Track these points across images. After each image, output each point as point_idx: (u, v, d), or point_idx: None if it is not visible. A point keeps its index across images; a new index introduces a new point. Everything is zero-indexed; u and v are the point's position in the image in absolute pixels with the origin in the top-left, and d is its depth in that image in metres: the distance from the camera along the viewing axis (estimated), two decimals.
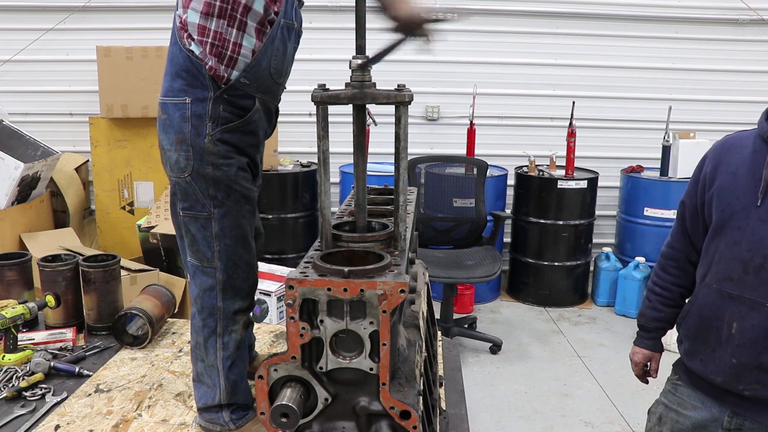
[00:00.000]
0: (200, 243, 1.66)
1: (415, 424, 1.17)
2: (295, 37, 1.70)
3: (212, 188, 1.61)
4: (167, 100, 1.61)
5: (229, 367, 1.74)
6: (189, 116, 1.57)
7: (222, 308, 1.69)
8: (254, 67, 1.58)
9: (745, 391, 1.57)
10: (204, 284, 1.69)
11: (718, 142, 1.70)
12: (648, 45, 4.95)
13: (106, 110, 4.20)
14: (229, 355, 1.73)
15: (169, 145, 1.62)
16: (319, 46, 4.63)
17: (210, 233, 1.64)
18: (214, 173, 1.59)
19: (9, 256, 2.59)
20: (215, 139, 1.58)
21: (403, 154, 1.36)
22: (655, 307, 1.84)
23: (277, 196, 4.54)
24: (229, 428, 1.80)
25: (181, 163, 1.60)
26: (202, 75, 1.55)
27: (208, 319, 1.71)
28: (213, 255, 1.65)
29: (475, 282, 3.99)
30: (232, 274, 1.68)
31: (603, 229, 5.15)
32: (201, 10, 1.53)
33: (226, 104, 1.58)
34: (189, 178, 1.61)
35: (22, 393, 2.03)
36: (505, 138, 5.09)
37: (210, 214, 1.63)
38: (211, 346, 1.72)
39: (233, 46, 1.55)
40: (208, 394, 1.78)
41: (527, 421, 3.22)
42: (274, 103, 1.73)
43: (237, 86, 1.58)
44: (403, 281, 1.13)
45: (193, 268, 1.71)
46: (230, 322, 1.71)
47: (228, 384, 1.75)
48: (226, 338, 1.72)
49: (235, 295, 1.71)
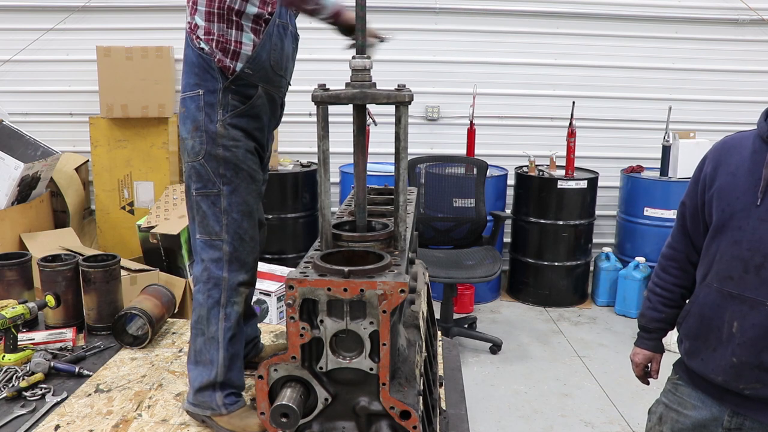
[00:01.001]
0: (210, 218, 1.80)
1: (415, 424, 1.17)
2: (291, 37, 1.87)
3: (222, 167, 1.78)
4: (185, 95, 1.80)
5: (229, 339, 1.83)
6: (203, 105, 1.76)
7: (227, 279, 1.81)
8: (255, 59, 1.76)
9: (745, 390, 1.57)
10: (211, 256, 1.82)
11: (718, 142, 1.70)
12: (648, 45, 4.94)
13: (106, 110, 4.20)
14: (230, 327, 1.83)
15: (187, 133, 1.80)
16: (319, 46, 4.60)
17: (219, 208, 1.80)
18: (224, 154, 1.77)
19: (9, 256, 2.59)
20: (226, 123, 1.77)
21: (403, 154, 1.36)
22: (656, 308, 1.84)
23: (277, 196, 4.54)
24: (221, 413, 1.84)
25: (196, 148, 1.78)
26: (212, 69, 1.75)
27: (213, 290, 1.82)
28: (221, 228, 1.80)
29: (475, 282, 3.99)
30: (237, 247, 1.82)
31: (603, 229, 5.15)
32: (204, 18, 1.75)
33: (233, 93, 1.77)
34: (203, 160, 1.78)
35: (22, 393, 2.03)
36: (505, 138, 5.09)
37: (219, 191, 1.79)
38: (213, 317, 1.82)
39: (235, 43, 1.75)
40: (204, 373, 1.84)
41: (527, 421, 3.22)
42: (278, 94, 1.89)
43: (242, 76, 1.76)
44: (403, 281, 1.13)
45: (201, 244, 1.83)
46: (233, 293, 1.83)
47: (226, 357, 1.83)
48: (229, 309, 1.82)
49: (240, 268, 1.83)
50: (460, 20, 4.89)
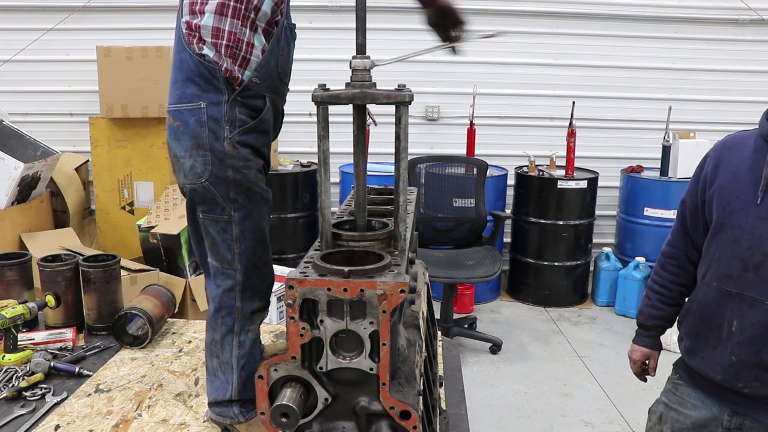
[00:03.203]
0: (220, 245, 1.66)
1: (415, 424, 1.17)
2: (292, 35, 1.73)
3: (233, 191, 1.61)
4: (181, 107, 1.61)
5: (243, 366, 1.77)
6: (205, 120, 1.57)
7: (240, 308, 1.71)
8: (264, 67, 1.60)
9: (744, 388, 1.58)
10: (224, 285, 1.70)
11: (720, 141, 1.70)
12: (648, 45, 4.95)
13: (106, 110, 4.20)
14: (244, 354, 1.75)
15: (183, 152, 1.61)
16: (319, 46, 4.63)
17: (230, 236, 1.65)
18: (234, 176, 1.59)
19: (9, 256, 2.58)
20: (234, 141, 1.58)
21: (403, 154, 1.35)
22: (655, 306, 1.84)
23: (277, 196, 4.49)
24: (238, 420, 1.83)
25: (198, 169, 1.60)
26: (216, 79, 1.56)
27: (227, 318, 1.72)
28: (233, 257, 1.66)
29: (475, 282, 3.99)
30: (251, 276, 1.70)
31: (603, 229, 5.15)
32: (215, 11, 1.55)
33: (240, 106, 1.59)
34: (207, 183, 1.60)
35: (22, 393, 2.03)
36: (505, 138, 5.09)
37: (230, 218, 1.63)
38: (227, 344, 1.74)
39: (246, 46, 1.57)
40: (220, 389, 1.82)
41: (527, 421, 3.22)
42: (281, 103, 1.75)
43: (250, 87, 1.59)
44: (403, 281, 1.13)
45: (213, 269, 1.72)
46: (247, 322, 1.74)
47: (240, 381, 1.79)
48: (243, 337, 1.74)
49: (254, 296, 1.73)
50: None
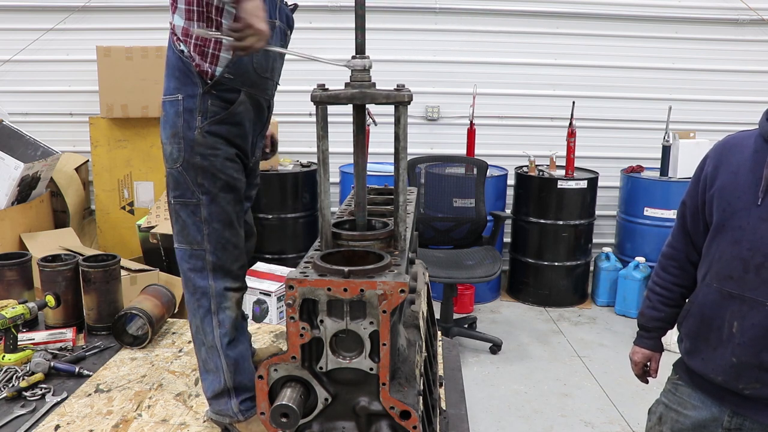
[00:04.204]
0: (190, 228, 1.77)
1: (415, 424, 1.17)
2: (279, 34, 1.78)
3: (200, 176, 1.73)
4: (165, 99, 1.74)
5: (227, 344, 1.81)
6: (181, 111, 1.70)
7: (213, 286, 1.79)
8: (236, 63, 1.68)
9: (745, 390, 1.57)
10: (194, 266, 1.79)
11: (720, 142, 1.70)
12: (648, 45, 4.94)
13: (106, 110, 4.20)
14: (225, 332, 1.81)
15: (166, 139, 1.75)
16: (319, 46, 4.62)
17: (199, 218, 1.76)
18: (202, 163, 1.71)
19: (9, 256, 2.59)
20: (204, 131, 1.70)
21: (402, 154, 1.36)
22: (656, 307, 1.84)
23: (277, 196, 4.53)
24: (238, 419, 1.84)
25: (174, 155, 1.74)
26: (191, 73, 1.68)
27: (202, 299, 1.80)
28: (203, 238, 1.76)
29: (475, 282, 3.99)
30: (221, 256, 1.78)
31: (603, 229, 5.15)
32: (184, 16, 1.67)
33: (213, 98, 1.69)
34: (180, 168, 1.73)
35: (22, 393, 2.03)
36: (505, 138, 5.09)
37: (198, 201, 1.75)
38: (207, 326, 1.80)
39: (215, 44, 1.66)
40: (214, 381, 1.84)
41: (527, 421, 3.22)
42: (263, 97, 1.81)
43: (222, 81, 1.68)
44: (403, 281, 1.13)
45: (182, 252, 1.80)
46: (222, 299, 1.80)
47: (229, 363, 1.81)
48: (221, 315, 1.80)
49: (225, 275, 1.80)
50: (460, 20, 4.88)
